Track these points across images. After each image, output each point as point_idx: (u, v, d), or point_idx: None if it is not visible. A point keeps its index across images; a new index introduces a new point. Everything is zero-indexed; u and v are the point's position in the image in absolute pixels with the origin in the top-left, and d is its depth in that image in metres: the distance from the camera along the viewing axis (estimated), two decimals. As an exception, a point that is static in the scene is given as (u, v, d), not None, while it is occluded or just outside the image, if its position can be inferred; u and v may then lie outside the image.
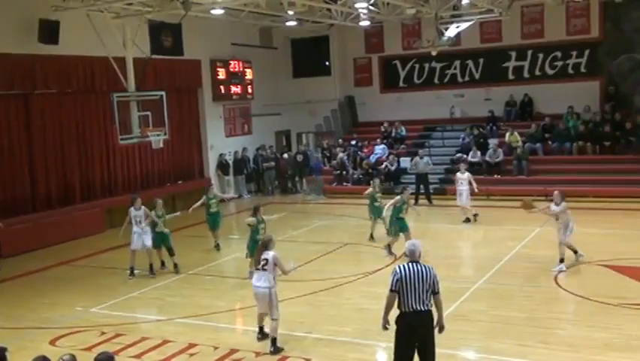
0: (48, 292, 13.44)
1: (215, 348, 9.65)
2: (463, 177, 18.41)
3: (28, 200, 18.27)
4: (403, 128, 25.67)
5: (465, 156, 23.22)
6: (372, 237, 16.24)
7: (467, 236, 17.38)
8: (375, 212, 16.31)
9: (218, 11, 19.43)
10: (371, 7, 21.25)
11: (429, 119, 26.14)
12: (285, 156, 25.95)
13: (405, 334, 7.25)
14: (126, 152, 20.93)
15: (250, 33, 25.56)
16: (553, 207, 13.10)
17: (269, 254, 9.55)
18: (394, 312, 7.34)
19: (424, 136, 25.81)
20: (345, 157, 24.64)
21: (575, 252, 13.20)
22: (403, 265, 7.27)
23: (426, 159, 21.80)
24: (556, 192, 13.24)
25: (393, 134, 25.61)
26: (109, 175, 20.77)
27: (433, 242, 16.45)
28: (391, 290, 7.21)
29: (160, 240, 14.20)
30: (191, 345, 9.83)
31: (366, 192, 16.86)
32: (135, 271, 14.06)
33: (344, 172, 24.34)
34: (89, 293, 13.14)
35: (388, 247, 14.50)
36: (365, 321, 10.46)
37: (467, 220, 18.15)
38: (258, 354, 9.32)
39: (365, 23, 23.93)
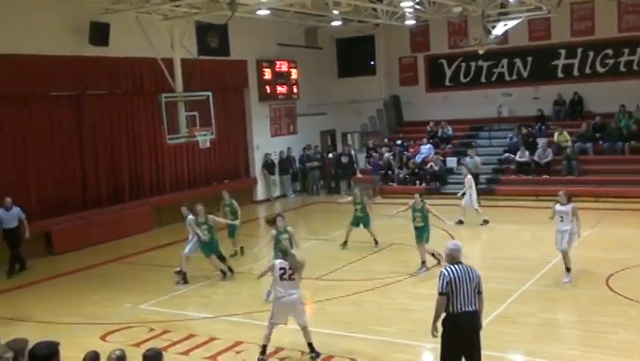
0: (98, 288, 13.73)
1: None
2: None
3: (79, 199, 18.69)
4: (449, 128, 25.42)
5: (512, 155, 22.90)
6: (345, 244, 15.97)
7: (516, 237, 17.10)
8: (355, 221, 16.05)
9: (264, 12, 19.56)
10: (417, 6, 21.12)
11: (476, 119, 25.83)
12: (330, 155, 25.97)
13: (454, 336, 7.15)
14: (174, 151, 21.24)
15: (295, 33, 25.66)
16: (557, 207, 12.37)
17: (287, 263, 9.26)
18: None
19: (471, 136, 25.51)
20: (391, 157, 24.53)
21: (568, 269, 12.17)
22: (450, 267, 7.17)
23: (477, 158, 21.52)
24: (561, 193, 12.53)
25: (439, 134, 25.39)
26: (157, 174, 21.12)
27: (480, 243, 16.30)
28: (442, 293, 7.07)
29: (209, 249, 13.72)
30: (238, 343, 9.92)
31: (344, 200, 16.86)
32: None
33: (390, 172, 24.23)
34: (138, 290, 13.39)
35: (432, 255, 13.75)
36: (410, 322, 10.41)
37: (461, 222, 17.77)
38: (303, 353, 9.33)
39: (411, 22, 23.80)
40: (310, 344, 9.22)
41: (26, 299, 13.33)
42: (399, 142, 25.71)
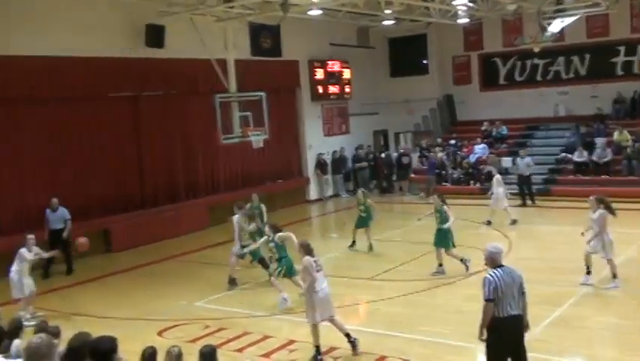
0: (155, 285, 14.02)
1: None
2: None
3: (137, 197, 19.12)
4: (503, 127, 25.02)
5: (570, 155, 22.41)
6: (354, 243, 15.97)
7: (573, 239, 16.59)
8: (359, 223, 15.93)
9: (316, 12, 19.63)
10: (470, 4, 20.86)
11: (531, 118, 25.35)
12: (383, 155, 25.89)
13: (501, 340, 7.09)
14: (228, 151, 21.50)
15: (348, 33, 25.67)
16: (590, 214, 11.77)
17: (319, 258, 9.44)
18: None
19: (526, 135, 25.08)
20: (445, 157, 24.31)
21: (614, 275, 11.67)
22: (495, 272, 7.07)
23: (527, 159, 21.12)
24: (591, 198, 11.88)
25: (493, 134, 25.03)
26: (212, 174, 21.44)
27: (536, 244, 16.00)
28: (489, 300, 6.99)
29: (254, 255, 13.43)
30: (291, 341, 9.99)
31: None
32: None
33: (443, 172, 24.00)
34: (193, 287, 13.62)
35: (462, 260, 13.34)
36: (464, 323, 10.28)
37: (489, 223, 17.74)
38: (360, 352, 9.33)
39: (464, 20, 23.52)
40: (348, 334, 9.31)
41: (86, 295, 13.71)
42: (452, 142, 25.46)
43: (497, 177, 18.34)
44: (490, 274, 7.06)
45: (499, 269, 7.09)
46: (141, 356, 6.53)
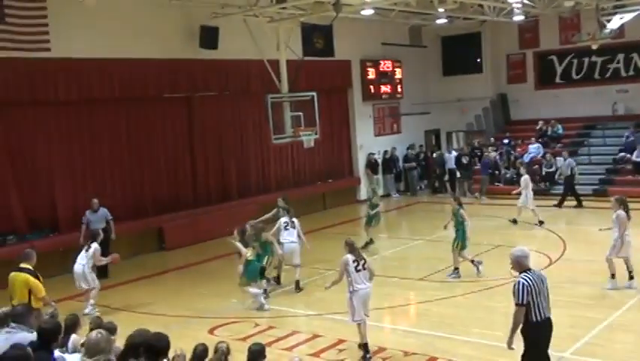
0: (207, 283, 14.21)
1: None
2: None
3: (189, 196, 19.41)
4: (559, 127, 24.47)
5: (629, 155, 21.78)
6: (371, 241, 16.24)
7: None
8: (369, 220, 16.52)
9: (368, 11, 19.57)
10: (526, 1, 20.48)
11: (588, 117, 24.70)
12: (435, 155, 25.66)
13: (540, 343, 7.06)
14: (279, 151, 21.66)
15: (400, 32, 25.52)
16: (613, 215, 11.70)
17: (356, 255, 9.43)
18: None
19: (583, 134, 24.48)
20: (498, 156, 23.92)
21: (613, 275, 11.70)
22: (526, 277, 6.97)
23: (568, 160, 20.69)
24: (612, 198, 11.93)
25: (548, 133, 24.50)
26: (263, 173, 21.61)
27: (592, 246, 15.58)
28: (521, 305, 6.89)
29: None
30: (340, 341, 9.99)
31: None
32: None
33: (496, 172, 23.62)
34: (244, 286, 13.72)
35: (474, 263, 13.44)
36: (517, 326, 10.12)
37: (515, 222, 17.88)
38: (406, 353, 9.29)
39: (519, 18, 23.09)
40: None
41: (140, 292, 13.97)
42: (505, 141, 25.03)
43: (525, 177, 18.28)
44: (522, 278, 6.94)
45: (529, 273, 7.01)
46: (192, 353, 6.64)
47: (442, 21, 23.40)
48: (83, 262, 12.44)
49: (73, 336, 6.93)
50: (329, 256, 14.69)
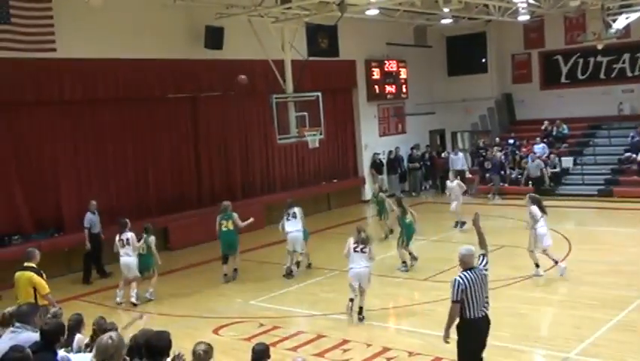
0: (211, 283, 14.21)
1: (368, 345, 9.72)
2: (452, 185, 17.98)
3: (194, 195, 19.43)
4: (564, 127, 24.40)
5: (634, 155, 21.72)
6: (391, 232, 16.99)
7: (637, 242, 16.20)
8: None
9: (373, 12, 19.58)
10: (531, 1, 20.45)
11: (594, 117, 24.61)
12: (443, 155, 25.65)
13: (472, 341, 7.34)
14: (284, 151, 21.66)
15: (405, 32, 25.49)
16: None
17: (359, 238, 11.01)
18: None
19: (589, 135, 24.41)
20: (503, 156, 23.87)
21: (537, 265, 12.76)
22: (462, 275, 7.27)
23: (537, 162, 20.68)
24: (526, 196, 13.24)
25: (554, 133, 24.44)
26: (268, 173, 21.62)
27: (597, 246, 15.56)
28: (456, 301, 7.23)
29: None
30: (345, 341, 9.98)
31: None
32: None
33: (502, 172, 23.56)
34: (248, 286, 13.76)
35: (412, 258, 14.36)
36: (522, 326, 10.13)
37: (457, 225, 17.87)
38: (410, 354, 9.28)
39: (524, 18, 23.04)
40: (361, 309, 10.89)
41: (144, 292, 13.94)
42: (510, 141, 24.98)
43: (455, 183, 18.17)
44: (459, 276, 7.29)
45: (469, 272, 7.30)
46: (192, 354, 6.59)
47: (447, 21, 23.37)
48: (129, 252, 12.72)
49: (78, 336, 6.95)
50: (333, 257, 14.70)
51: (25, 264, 9.69)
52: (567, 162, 22.68)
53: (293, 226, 14.25)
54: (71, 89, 16.08)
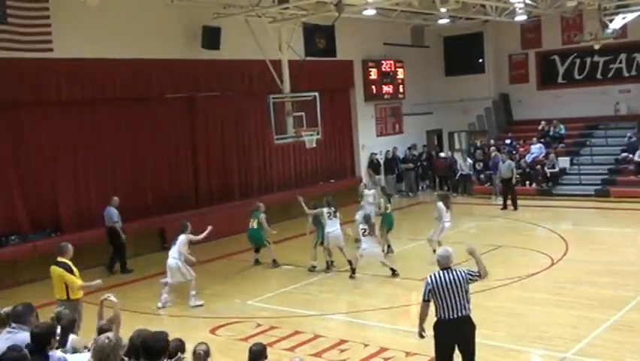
0: (209, 283, 14.17)
1: (365, 345, 9.72)
2: (369, 193, 17.10)
3: (191, 196, 19.41)
4: (561, 127, 24.43)
5: (631, 155, 21.75)
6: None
7: (633, 241, 16.23)
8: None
9: (370, 12, 19.57)
10: (528, 1, 20.46)
11: (591, 117, 24.64)
12: (442, 155, 25.67)
13: (443, 341, 7.31)
14: (281, 151, 21.64)
15: (402, 32, 25.50)
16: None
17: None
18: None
19: (585, 135, 24.43)
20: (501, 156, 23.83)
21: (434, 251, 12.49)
22: (435, 274, 7.28)
23: (508, 162, 20.73)
24: (435, 194, 14.86)
25: (550, 133, 24.47)
26: (265, 173, 21.61)
27: (595, 246, 15.59)
28: (423, 300, 7.35)
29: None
30: (342, 341, 9.98)
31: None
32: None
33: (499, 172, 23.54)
34: (246, 286, 13.76)
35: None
36: (519, 326, 10.13)
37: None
38: (408, 354, 9.28)
39: (521, 18, 23.06)
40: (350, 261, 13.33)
41: (141, 292, 13.96)
42: (507, 141, 24.99)
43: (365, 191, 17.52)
44: (429, 276, 7.31)
45: (442, 272, 7.30)
46: (192, 354, 6.61)
47: (444, 21, 23.38)
48: (175, 256, 12.70)
49: (72, 336, 6.92)
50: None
51: (58, 259, 9.81)
52: (564, 162, 22.69)
53: (334, 225, 14.41)
54: (69, 89, 16.04)
